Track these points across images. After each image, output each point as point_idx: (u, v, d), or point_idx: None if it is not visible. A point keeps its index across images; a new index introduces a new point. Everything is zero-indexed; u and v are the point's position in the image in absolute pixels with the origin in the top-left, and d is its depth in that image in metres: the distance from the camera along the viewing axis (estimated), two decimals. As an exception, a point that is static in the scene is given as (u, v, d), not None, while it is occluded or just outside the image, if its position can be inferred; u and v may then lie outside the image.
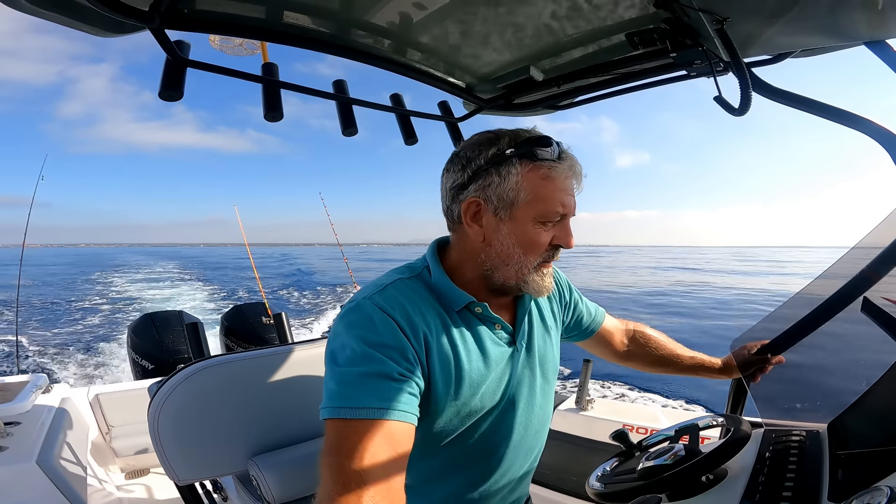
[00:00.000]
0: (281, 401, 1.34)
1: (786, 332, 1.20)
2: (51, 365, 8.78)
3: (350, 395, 0.69)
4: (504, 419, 0.88)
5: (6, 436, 1.76)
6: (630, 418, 1.91)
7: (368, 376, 0.70)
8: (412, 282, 0.84)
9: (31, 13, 0.81)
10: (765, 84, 1.05)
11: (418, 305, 0.80)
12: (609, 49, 1.17)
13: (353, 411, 0.67)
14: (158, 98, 0.99)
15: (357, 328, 0.75)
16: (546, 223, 0.81)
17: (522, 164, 0.79)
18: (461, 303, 0.83)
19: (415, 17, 1.06)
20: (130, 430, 2.43)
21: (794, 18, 0.87)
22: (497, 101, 1.49)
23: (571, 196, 0.82)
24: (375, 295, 0.78)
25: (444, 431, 0.83)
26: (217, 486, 1.55)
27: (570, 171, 0.81)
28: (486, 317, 0.86)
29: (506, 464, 0.90)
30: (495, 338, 0.87)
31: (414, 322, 0.77)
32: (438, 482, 0.88)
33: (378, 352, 0.72)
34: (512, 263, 0.82)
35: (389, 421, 0.68)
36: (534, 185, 0.79)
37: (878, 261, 1.04)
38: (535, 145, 0.79)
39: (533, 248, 0.81)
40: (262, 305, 3.74)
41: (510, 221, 0.80)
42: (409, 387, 0.72)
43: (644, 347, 1.23)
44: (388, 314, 0.75)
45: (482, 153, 0.81)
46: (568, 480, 1.82)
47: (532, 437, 0.94)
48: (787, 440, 1.00)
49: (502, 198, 0.79)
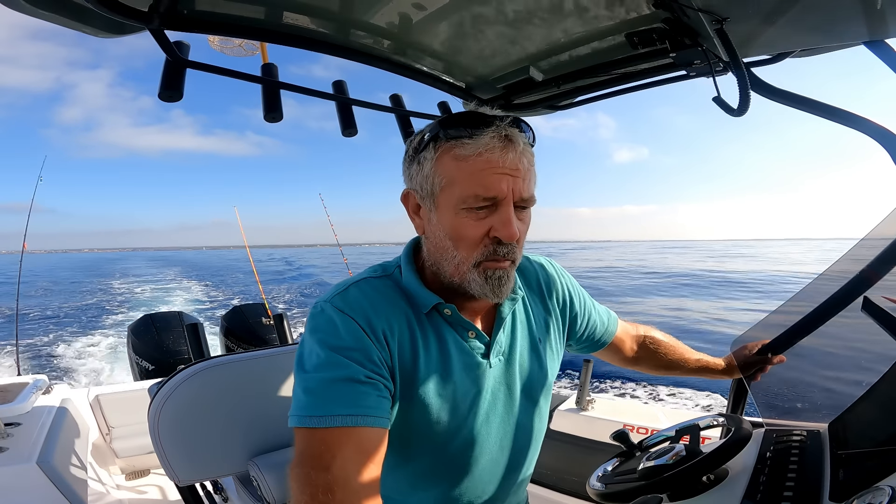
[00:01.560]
0: (281, 401, 1.34)
1: (786, 331, 1.20)
2: (51, 366, 8.78)
3: (317, 403, 0.66)
4: (476, 437, 0.81)
5: (6, 437, 1.76)
6: (630, 418, 1.91)
7: (334, 382, 0.67)
8: (380, 282, 0.80)
9: (31, 14, 0.81)
10: (764, 84, 1.05)
11: (381, 307, 0.75)
12: (608, 49, 1.17)
13: (320, 419, 0.64)
14: (158, 99, 0.99)
15: (319, 332, 0.72)
16: (471, 209, 0.70)
17: (436, 146, 0.71)
18: (429, 304, 0.78)
19: (414, 17, 1.06)
20: (131, 431, 2.43)
21: (793, 18, 0.87)
22: (496, 101, 1.49)
23: (502, 174, 0.69)
24: (336, 297, 0.75)
25: (412, 440, 0.79)
26: (217, 487, 1.55)
27: (489, 142, 0.68)
28: (456, 321, 0.79)
29: (482, 481, 0.84)
30: (466, 347, 0.80)
31: (373, 323, 0.73)
32: (414, 494, 0.84)
33: (342, 355, 0.69)
34: (448, 258, 0.74)
35: (360, 428, 0.65)
36: (446, 168, 0.70)
37: (879, 260, 1.04)
38: (448, 125, 0.71)
39: (461, 240, 0.72)
40: (261, 306, 3.74)
41: (437, 211, 0.74)
42: (377, 390, 0.69)
43: (653, 352, 1.20)
44: (349, 316, 0.72)
45: (412, 144, 0.76)
46: (568, 481, 1.82)
47: (514, 458, 0.87)
48: (787, 440, 1.00)
49: (423, 186, 0.73)
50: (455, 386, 0.79)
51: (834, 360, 1.33)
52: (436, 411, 0.78)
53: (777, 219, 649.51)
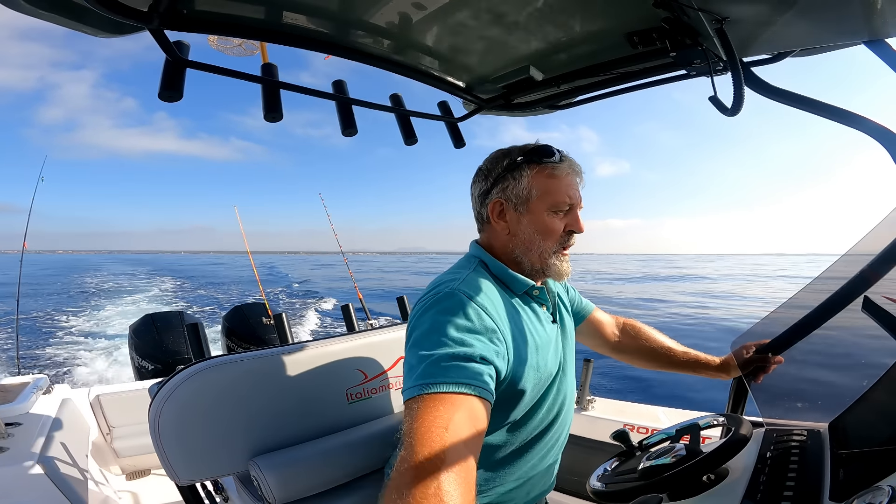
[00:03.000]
0: (282, 401, 1.34)
1: (786, 331, 1.20)
2: (51, 366, 8.78)
3: (437, 374, 0.75)
4: (562, 386, 1.04)
5: (7, 437, 1.76)
6: (631, 418, 1.91)
7: (455, 358, 0.77)
8: (478, 272, 0.97)
9: (31, 14, 0.81)
10: (764, 83, 1.05)
11: (493, 295, 0.92)
12: (608, 49, 1.17)
13: (437, 386, 0.73)
14: (158, 98, 0.99)
15: (449, 314, 0.83)
16: (557, 212, 0.98)
17: (531, 167, 0.98)
18: (524, 287, 1.00)
19: (414, 17, 1.06)
20: (131, 431, 2.43)
21: (793, 17, 0.87)
22: (496, 100, 1.49)
23: (576, 190, 1.00)
24: (462, 285, 0.90)
25: (523, 407, 0.95)
26: (218, 487, 1.55)
27: (570, 168, 1.00)
28: (542, 298, 1.04)
29: (561, 424, 1.05)
30: (546, 315, 1.05)
31: (497, 308, 0.89)
32: (514, 461, 1.00)
33: (467, 336, 0.81)
34: (534, 249, 0.99)
35: (472, 397, 0.74)
36: (542, 183, 0.97)
37: (879, 260, 1.04)
38: (538, 152, 0.98)
39: (549, 233, 0.98)
40: (262, 306, 3.75)
41: (528, 214, 0.98)
42: (490, 370, 0.80)
43: (635, 339, 1.33)
44: (476, 302, 0.86)
45: (499, 164, 1.01)
46: (569, 480, 1.82)
47: (571, 404, 1.10)
48: (788, 440, 1.00)
49: (519, 196, 0.98)
50: (550, 343, 1.01)
51: (834, 360, 1.33)
52: (547, 369, 0.98)
53: (756, 233, 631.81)
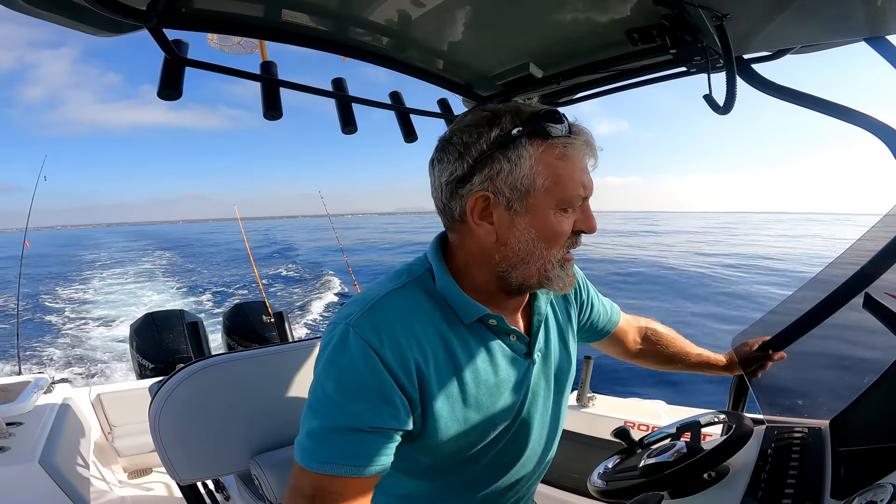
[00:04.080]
0: (282, 400, 1.34)
1: (787, 328, 1.20)
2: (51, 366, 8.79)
3: (319, 451, 0.66)
4: (518, 436, 0.82)
5: (8, 436, 1.76)
6: (631, 415, 1.91)
7: (338, 431, 0.66)
8: (409, 290, 0.74)
9: (28, 13, 0.80)
10: (765, 80, 1.05)
11: (412, 325, 0.70)
12: (608, 45, 1.17)
13: (322, 466, 0.65)
14: (158, 97, 0.99)
15: (336, 368, 0.68)
16: (567, 209, 0.70)
17: (534, 144, 0.67)
18: (474, 315, 0.74)
19: (413, 14, 1.06)
20: (132, 430, 2.43)
21: (793, 14, 0.86)
22: (496, 98, 1.49)
23: (589, 175, 0.72)
24: (361, 319, 0.68)
25: (452, 456, 0.78)
26: (219, 486, 1.56)
27: (586, 146, 0.70)
28: (502, 329, 0.77)
29: (517, 475, 0.87)
30: (509, 351, 0.78)
31: (404, 353, 0.68)
32: (447, 498, 0.85)
33: (355, 398, 0.66)
34: (533, 261, 0.71)
35: (359, 478, 0.66)
36: (552, 168, 0.67)
37: (881, 255, 1.04)
38: (545, 120, 0.67)
39: (556, 239, 0.71)
40: (262, 304, 3.74)
41: (527, 213, 0.69)
42: (385, 440, 0.68)
43: (655, 346, 1.20)
44: (373, 348, 0.66)
45: (482, 136, 0.68)
46: (570, 478, 1.82)
47: (546, 446, 0.91)
48: (789, 437, 1.00)
49: (516, 187, 0.68)
50: (503, 389, 0.78)
51: (836, 356, 1.33)
52: (489, 421, 0.77)
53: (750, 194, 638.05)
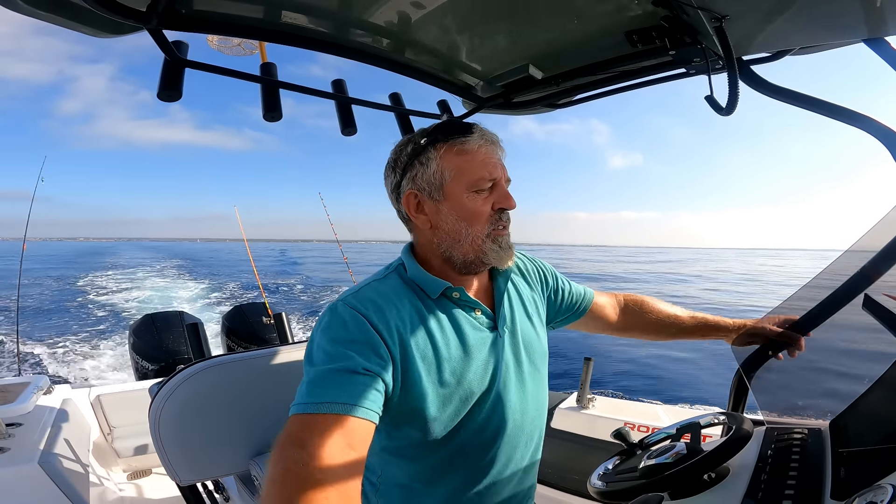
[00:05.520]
0: (282, 400, 1.34)
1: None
2: (52, 366, 8.78)
3: (315, 392, 0.69)
4: (497, 407, 0.89)
5: (8, 437, 1.76)
6: (631, 416, 1.91)
7: (334, 372, 0.71)
8: (388, 279, 0.88)
9: (29, 14, 0.81)
10: (764, 82, 1.05)
11: (392, 300, 0.82)
12: (608, 47, 1.17)
13: (315, 406, 0.68)
14: (157, 98, 0.99)
15: (330, 329, 0.77)
16: (479, 191, 0.85)
17: (437, 147, 0.85)
18: (438, 289, 0.86)
19: (413, 16, 1.06)
20: (132, 431, 2.43)
21: (792, 15, 0.87)
22: (496, 99, 1.49)
23: (495, 163, 0.87)
24: (349, 296, 0.81)
25: (436, 426, 0.84)
26: (219, 487, 1.56)
27: (482, 140, 0.86)
28: (465, 301, 0.89)
29: (506, 453, 0.91)
30: (475, 323, 0.89)
31: (387, 317, 0.79)
32: (440, 480, 0.88)
33: (346, 348, 0.74)
34: (462, 238, 0.86)
35: (350, 417, 0.67)
36: (452, 161, 0.85)
37: (881, 256, 1.04)
38: (441, 130, 0.86)
39: (475, 217, 0.85)
40: (262, 305, 3.74)
41: (446, 201, 0.85)
42: (374, 383, 0.72)
43: (639, 314, 1.22)
44: (360, 312, 0.78)
45: (403, 152, 0.88)
46: (569, 479, 1.82)
47: (530, 425, 0.95)
48: (789, 438, 1.00)
49: (432, 182, 0.85)
50: (474, 356, 0.86)
51: (836, 357, 1.33)
52: (464, 388, 0.85)
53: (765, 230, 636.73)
